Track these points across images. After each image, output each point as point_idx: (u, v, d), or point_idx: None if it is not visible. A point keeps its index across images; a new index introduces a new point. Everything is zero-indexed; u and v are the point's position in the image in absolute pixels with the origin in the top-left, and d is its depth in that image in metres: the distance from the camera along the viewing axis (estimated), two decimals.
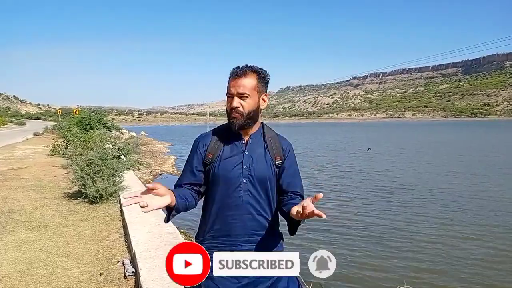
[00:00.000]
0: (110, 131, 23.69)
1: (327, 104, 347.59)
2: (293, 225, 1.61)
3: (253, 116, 1.66)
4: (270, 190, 1.67)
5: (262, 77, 1.68)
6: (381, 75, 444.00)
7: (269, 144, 1.71)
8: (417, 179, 13.97)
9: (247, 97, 1.62)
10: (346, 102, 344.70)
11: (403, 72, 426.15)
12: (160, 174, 15.57)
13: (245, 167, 1.63)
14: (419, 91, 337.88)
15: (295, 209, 1.47)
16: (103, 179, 7.15)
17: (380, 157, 22.25)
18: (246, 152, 1.66)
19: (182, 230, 6.35)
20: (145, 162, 15.39)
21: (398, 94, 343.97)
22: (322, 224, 8.15)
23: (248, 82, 1.63)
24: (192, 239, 6.43)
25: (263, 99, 1.70)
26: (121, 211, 6.27)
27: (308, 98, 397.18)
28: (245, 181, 1.62)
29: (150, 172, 15.26)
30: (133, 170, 11.33)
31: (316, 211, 1.37)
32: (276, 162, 1.70)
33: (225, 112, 1.69)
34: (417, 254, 6.48)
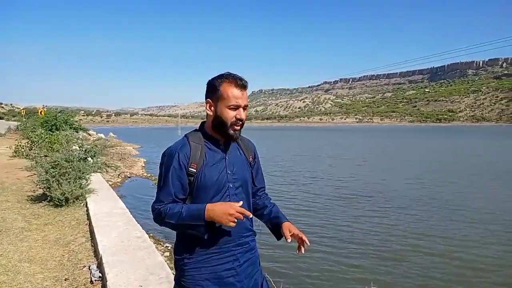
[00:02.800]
0: (77, 132, 23.02)
1: (298, 108, 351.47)
2: (279, 232, 1.79)
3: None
4: (249, 190, 1.75)
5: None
6: (351, 80, 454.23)
7: (242, 146, 1.77)
8: (384, 185, 14.37)
9: (246, 109, 1.66)
10: (317, 106, 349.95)
11: (372, 78, 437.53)
12: (129, 177, 15.27)
13: (229, 171, 1.65)
14: (387, 96, 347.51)
15: (288, 232, 1.72)
16: (69, 181, 6.96)
17: (347, 162, 22.72)
18: (227, 157, 1.67)
19: (151, 234, 6.28)
20: (113, 165, 15.05)
21: (367, 99, 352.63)
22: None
23: (247, 95, 1.66)
24: (162, 244, 6.36)
25: None
26: (88, 214, 6.13)
27: (280, 102, 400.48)
28: (230, 185, 1.64)
29: (119, 175, 14.94)
30: (100, 172, 11.07)
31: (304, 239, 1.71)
32: (250, 162, 1.79)
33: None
34: (383, 255, 6.67)
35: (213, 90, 1.63)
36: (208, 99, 1.65)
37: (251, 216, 1.68)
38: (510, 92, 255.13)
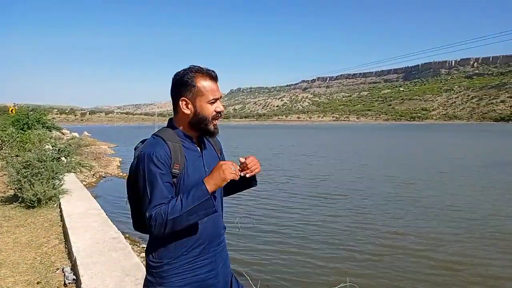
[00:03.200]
0: (50, 131, 22.40)
1: (276, 107, 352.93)
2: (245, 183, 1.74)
3: None
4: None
5: None
6: (328, 79, 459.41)
7: (211, 141, 1.74)
8: (359, 184, 14.61)
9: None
10: (295, 104, 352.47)
11: (349, 77, 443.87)
12: (104, 177, 14.97)
13: (206, 169, 1.58)
14: (363, 95, 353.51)
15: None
16: (41, 182, 6.80)
17: (323, 161, 23.00)
18: (203, 154, 1.63)
19: (127, 235, 6.18)
20: (87, 164, 14.71)
21: (344, 98, 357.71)
22: (270, 224, 8.33)
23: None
24: (138, 244, 6.27)
25: None
26: (61, 215, 6.00)
27: (259, 100, 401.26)
28: None
29: (93, 174, 14.63)
30: (74, 172, 10.83)
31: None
32: (219, 157, 1.74)
33: (196, 114, 1.55)
34: (358, 254, 6.79)
35: (186, 86, 1.54)
36: (184, 98, 1.55)
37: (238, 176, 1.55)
38: (481, 91, 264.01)
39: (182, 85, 1.55)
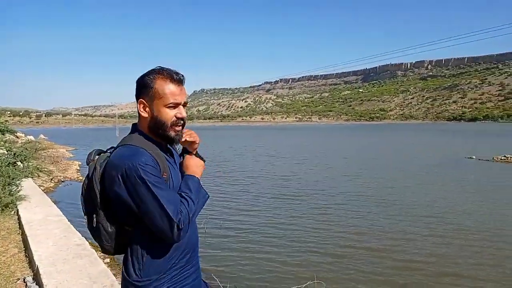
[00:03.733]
0: (3, 134, 21.24)
1: (240, 108, 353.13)
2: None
3: None
4: None
5: None
6: (290, 81, 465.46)
7: (175, 147, 1.66)
8: (323, 183, 14.94)
9: (185, 106, 1.49)
10: (258, 105, 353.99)
11: (310, 78, 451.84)
12: (62, 181, 14.41)
13: (181, 177, 1.52)
14: (325, 96, 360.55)
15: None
16: None
17: (286, 161, 23.29)
18: (176, 162, 1.56)
19: (90, 241, 5.98)
20: (45, 169, 14.11)
21: (306, 99, 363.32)
22: (236, 226, 8.35)
23: (185, 90, 1.48)
24: (109, 259, 6.09)
25: None
26: (20, 223, 5.72)
27: (222, 101, 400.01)
28: None
29: (51, 179, 14.04)
30: (32, 177, 10.35)
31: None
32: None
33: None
34: (324, 253, 6.95)
35: (145, 88, 1.43)
36: (141, 99, 1.44)
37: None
38: (435, 92, 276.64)
39: (142, 86, 1.44)
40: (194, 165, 1.53)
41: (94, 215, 1.44)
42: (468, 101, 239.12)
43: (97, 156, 1.46)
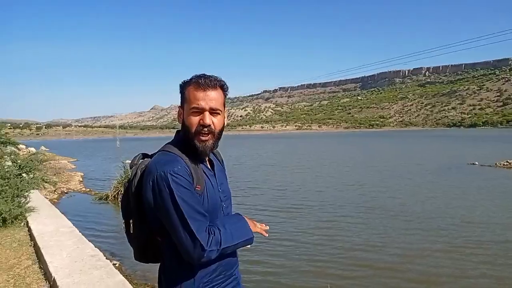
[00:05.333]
0: (5, 146, 21.23)
1: (240, 117, 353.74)
2: None
3: (221, 135, 1.45)
4: (231, 204, 1.59)
5: (226, 91, 1.45)
6: (289, 89, 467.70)
7: (219, 157, 1.60)
8: (326, 193, 14.85)
9: (218, 113, 1.39)
10: (258, 114, 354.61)
11: (309, 86, 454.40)
12: (66, 193, 14.39)
13: (220, 189, 1.47)
14: (324, 104, 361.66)
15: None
16: (5, 200, 6.45)
17: (286, 170, 23.23)
18: (216, 173, 1.49)
19: (104, 252, 5.96)
20: (50, 180, 14.09)
21: (305, 107, 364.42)
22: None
23: (219, 96, 1.39)
24: (120, 262, 6.05)
25: (225, 116, 1.47)
26: (31, 234, 5.71)
27: None
28: (224, 205, 1.48)
29: (55, 190, 14.01)
30: (38, 189, 10.34)
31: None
32: (225, 169, 1.63)
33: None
34: (333, 265, 6.89)
35: (181, 94, 1.41)
36: (179, 106, 1.43)
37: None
38: (433, 98, 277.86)
39: (180, 93, 1.42)
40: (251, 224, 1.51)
41: (131, 221, 1.42)
42: (467, 107, 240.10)
43: (140, 161, 1.42)
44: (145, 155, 1.46)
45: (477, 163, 21.40)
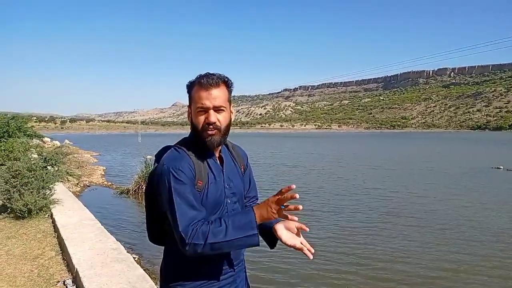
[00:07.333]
0: (31, 139, 21.83)
1: (259, 115, 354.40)
2: (273, 239, 1.46)
3: (228, 130, 1.49)
4: (243, 201, 1.60)
5: (230, 86, 1.49)
6: (310, 88, 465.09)
7: (235, 155, 1.62)
8: (348, 196, 14.70)
9: (223, 110, 1.43)
10: (277, 113, 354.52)
11: (330, 86, 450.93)
12: (88, 186, 14.68)
13: (227, 186, 1.49)
14: (344, 104, 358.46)
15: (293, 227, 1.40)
16: (31, 192, 6.60)
17: (304, 171, 23.09)
18: (224, 170, 1.51)
19: (126, 246, 6.05)
20: (74, 173, 14.42)
21: (326, 107, 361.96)
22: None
23: (223, 93, 1.44)
24: (140, 256, 6.13)
25: (231, 111, 1.51)
26: (55, 226, 5.83)
27: (242, 108, 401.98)
28: (228, 201, 1.49)
29: (77, 183, 14.31)
30: (62, 181, 10.58)
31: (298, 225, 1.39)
32: (242, 172, 1.62)
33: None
34: (357, 266, 6.80)
35: (188, 95, 1.47)
36: (188, 106, 1.49)
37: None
38: (458, 100, 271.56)
39: (187, 93, 1.48)
40: (263, 208, 1.33)
41: (149, 209, 1.56)
42: (493, 110, 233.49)
43: (162, 152, 1.50)
44: (167, 147, 1.54)
45: (501, 167, 20.77)
